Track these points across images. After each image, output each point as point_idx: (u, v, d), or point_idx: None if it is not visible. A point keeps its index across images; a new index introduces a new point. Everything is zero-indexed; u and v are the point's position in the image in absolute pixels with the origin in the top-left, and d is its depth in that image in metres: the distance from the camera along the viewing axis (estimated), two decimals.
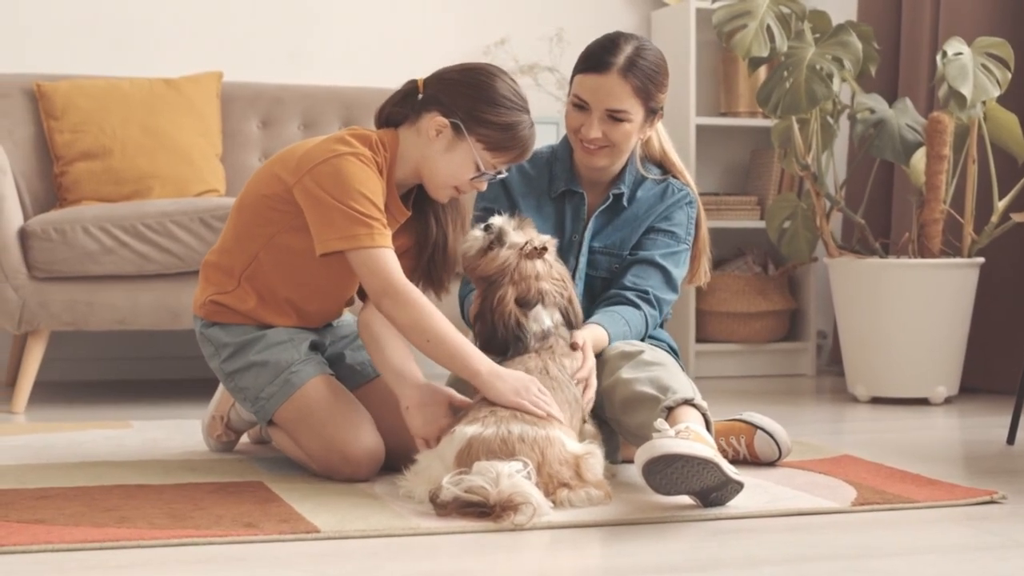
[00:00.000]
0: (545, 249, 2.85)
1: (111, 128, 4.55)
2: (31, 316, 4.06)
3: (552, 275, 2.88)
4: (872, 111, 4.56)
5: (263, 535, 2.35)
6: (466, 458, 2.55)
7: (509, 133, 2.84)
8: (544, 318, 2.85)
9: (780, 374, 5.40)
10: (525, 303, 2.83)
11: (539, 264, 2.85)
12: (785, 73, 4.37)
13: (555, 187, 3.20)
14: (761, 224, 5.27)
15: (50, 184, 4.57)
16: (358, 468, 2.86)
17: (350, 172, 2.77)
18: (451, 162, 2.86)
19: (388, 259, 2.76)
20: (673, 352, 3.22)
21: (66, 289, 4.08)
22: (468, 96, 2.84)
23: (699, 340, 5.36)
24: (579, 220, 3.18)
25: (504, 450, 2.54)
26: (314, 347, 3.02)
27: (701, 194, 5.34)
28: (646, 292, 3.12)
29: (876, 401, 4.49)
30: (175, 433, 3.57)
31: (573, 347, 2.87)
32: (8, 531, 2.34)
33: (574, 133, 3.12)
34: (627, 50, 3.06)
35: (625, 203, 3.19)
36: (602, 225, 3.19)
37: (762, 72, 5.06)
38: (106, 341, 4.99)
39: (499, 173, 2.91)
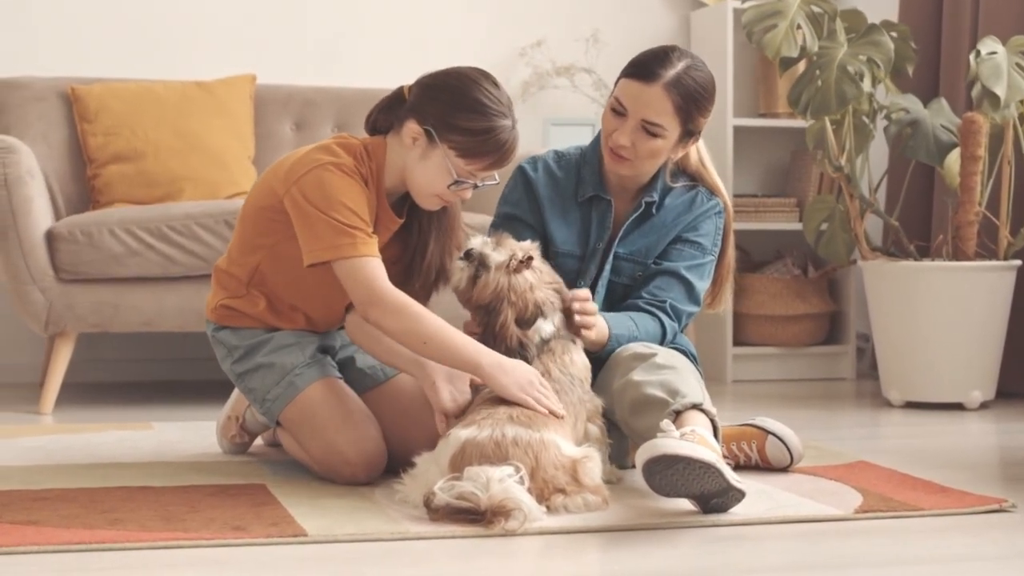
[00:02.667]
0: (531, 259, 2.82)
1: (143, 131, 4.58)
2: (58, 318, 4.09)
3: (544, 280, 2.85)
4: (907, 111, 4.49)
5: (250, 538, 2.34)
6: (460, 462, 2.53)
7: (481, 139, 2.78)
8: (545, 327, 2.83)
9: (819, 378, 5.33)
10: (524, 322, 2.81)
11: (529, 275, 2.81)
12: (817, 73, 4.31)
13: (582, 191, 3.16)
14: (800, 226, 5.20)
15: (84, 187, 4.61)
16: (357, 471, 2.85)
17: (332, 183, 2.76)
18: (426, 171, 2.83)
19: (372, 267, 2.75)
20: (691, 357, 3.18)
21: (92, 291, 4.11)
22: (441, 102, 2.80)
23: (737, 343, 5.30)
24: (604, 228, 3.14)
25: (497, 454, 2.52)
26: (324, 350, 3.02)
27: (739, 195, 5.32)
28: (663, 302, 3.08)
29: (910, 406, 4.41)
30: (192, 435, 3.58)
31: (576, 298, 2.87)
32: None
33: (606, 137, 3.07)
34: (678, 66, 2.99)
35: (654, 211, 3.15)
36: (628, 231, 3.15)
37: (799, 71, 5.00)
38: (137, 343, 5.02)
39: (485, 180, 2.87)
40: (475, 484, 2.44)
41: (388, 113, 2.91)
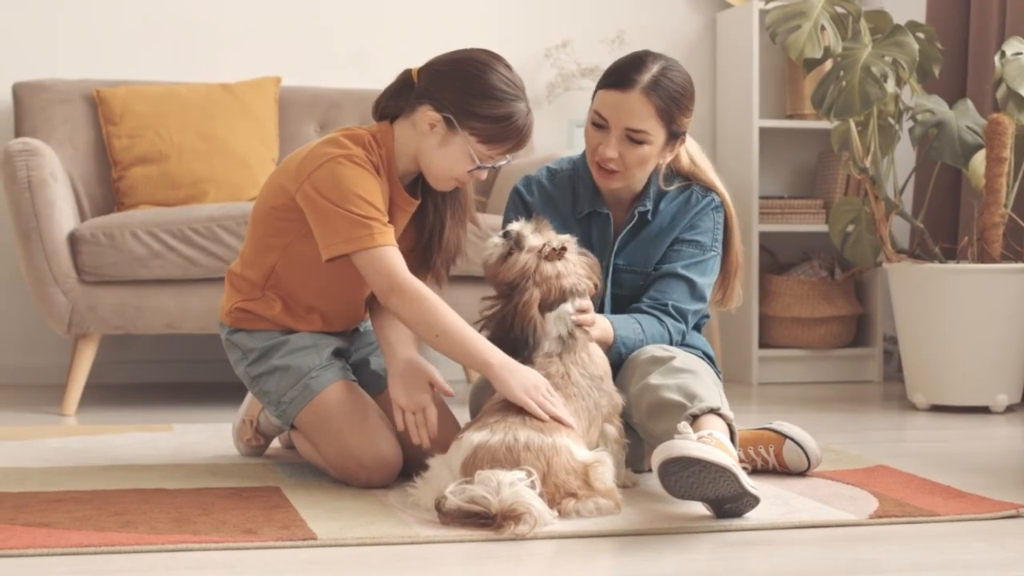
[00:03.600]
0: (564, 250, 2.81)
1: (167, 133, 4.60)
2: (80, 320, 4.11)
3: (578, 272, 2.84)
4: (932, 113, 4.45)
5: (259, 541, 2.34)
6: (471, 466, 2.52)
7: (502, 124, 2.79)
8: (567, 308, 2.80)
9: (846, 380, 5.30)
10: (548, 306, 2.80)
11: (560, 265, 2.80)
12: (840, 74, 4.28)
13: (579, 208, 3.14)
14: (827, 228, 5.17)
15: (109, 189, 4.63)
16: (373, 475, 2.85)
17: (345, 175, 2.76)
18: (447, 156, 2.84)
19: (391, 256, 2.75)
20: (708, 359, 3.16)
21: (115, 293, 4.13)
22: (458, 89, 2.80)
23: (763, 345, 5.28)
24: (606, 242, 3.12)
25: (509, 458, 2.51)
26: (338, 353, 3.02)
27: (766, 197, 5.29)
28: (664, 304, 3.06)
29: (935, 409, 4.38)
30: (211, 437, 3.59)
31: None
32: (10, 534, 2.36)
33: (592, 153, 3.04)
34: (653, 69, 2.96)
35: (649, 218, 3.13)
36: (625, 242, 3.13)
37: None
38: (160, 344, 5.04)
39: (499, 162, 2.88)
40: (486, 488, 2.43)
41: (398, 98, 2.90)
